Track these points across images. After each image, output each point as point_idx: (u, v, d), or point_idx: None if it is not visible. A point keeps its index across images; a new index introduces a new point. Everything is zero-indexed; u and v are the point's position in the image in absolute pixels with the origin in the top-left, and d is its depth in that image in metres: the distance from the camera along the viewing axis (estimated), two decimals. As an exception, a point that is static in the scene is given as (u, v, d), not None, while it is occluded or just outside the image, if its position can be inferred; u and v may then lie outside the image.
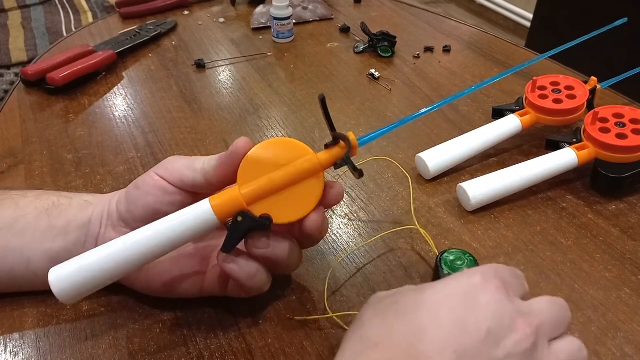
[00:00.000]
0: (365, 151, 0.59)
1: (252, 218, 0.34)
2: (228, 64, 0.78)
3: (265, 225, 0.34)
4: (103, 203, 0.40)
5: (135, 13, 0.92)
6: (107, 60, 0.75)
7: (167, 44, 0.84)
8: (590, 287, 0.44)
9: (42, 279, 0.35)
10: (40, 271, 0.39)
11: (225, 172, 0.36)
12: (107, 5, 1.49)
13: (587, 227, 0.49)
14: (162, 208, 0.37)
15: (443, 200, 0.53)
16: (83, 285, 0.34)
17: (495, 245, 0.48)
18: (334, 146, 0.36)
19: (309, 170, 0.35)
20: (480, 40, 0.83)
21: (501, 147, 0.58)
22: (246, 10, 0.95)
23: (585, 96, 0.57)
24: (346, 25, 0.87)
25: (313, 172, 0.35)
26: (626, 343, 0.39)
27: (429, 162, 0.54)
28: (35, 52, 1.31)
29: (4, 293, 0.42)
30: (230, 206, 0.35)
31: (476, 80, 0.72)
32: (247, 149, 0.35)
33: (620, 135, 0.51)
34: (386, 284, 0.44)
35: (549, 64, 0.75)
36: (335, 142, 0.36)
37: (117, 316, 0.41)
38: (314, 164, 0.35)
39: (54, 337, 0.40)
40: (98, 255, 0.34)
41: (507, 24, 2.45)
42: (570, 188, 0.53)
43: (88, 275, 0.34)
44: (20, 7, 1.52)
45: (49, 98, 0.70)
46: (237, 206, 0.35)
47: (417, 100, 0.69)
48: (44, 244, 0.39)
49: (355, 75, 0.75)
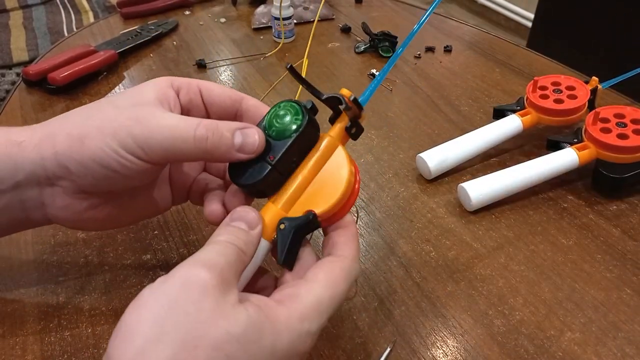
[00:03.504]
0: (366, 151, 0.59)
1: (294, 219, 0.32)
2: (229, 64, 0.78)
3: (308, 219, 0.32)
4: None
5: (137, 13, 0.92)
6: (108, 60, 0.75)
7: (168, 43, 0.84)
8: (591, 287, 0.44)
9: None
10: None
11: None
12: (108, 5, 1.49)
13: (588, 227, 0.49)
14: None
15: (444, 200, 0.52)
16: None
17: (496, 246, 0.47)
18: (339, 117, 0.34)
19: (328, 151, 0.33)
20: (482, 40, 0.83)
21: (502, 147, 0.58)
22: (247, 10, 0.95)
23: (587, 96, 0.57)
24: (347, 25, 0.87)
25: (332, 151, 0.33)
26: (627, 343, 0.39)
27: (429, 162, 0.54)
28: (36, 51, 1.31)
29: (4, 293, 0.42)
30: (272, 223, 0.32)
31: (477, 80, 0.72)
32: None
33: (622, 135, 0.51)
34: (386, 284, 0.44)
35: (550, 64, 0.75)
36: (337, 112, 0.34)
37: (118, 315, 0.41)
38: (330, 144, 0.33)
39: (55, 336, 0.40)
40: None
41: (509, 24, 2.45)
42: (571, 188, 0.53)
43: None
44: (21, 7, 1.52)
45: (50, 98, 0.70)
46: (278, 217, 0.32)
47: (418, 100, 0.69)
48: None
49: (356, 75, 0.75)
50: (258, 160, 0.33)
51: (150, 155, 0.32)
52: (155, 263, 0.45)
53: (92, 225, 0.38)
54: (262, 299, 0.28)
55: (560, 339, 0.40)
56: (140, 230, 0.49)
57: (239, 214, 0.31)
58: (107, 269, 0.45)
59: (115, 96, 0.35)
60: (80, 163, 0.32)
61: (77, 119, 0.34)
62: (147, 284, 0.27)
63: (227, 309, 0.26)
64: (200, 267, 0.26)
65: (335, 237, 0.33)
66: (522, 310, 0.42)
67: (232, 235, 0.30)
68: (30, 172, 0.33)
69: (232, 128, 0.33)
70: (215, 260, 0.27)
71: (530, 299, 0.43)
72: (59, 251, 0.47)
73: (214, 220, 0.36)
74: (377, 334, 0.40)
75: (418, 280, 0.44)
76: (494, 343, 0.40)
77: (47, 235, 0.48)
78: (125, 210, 0.38)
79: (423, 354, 0.39)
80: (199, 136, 0.32)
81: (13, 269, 0.45)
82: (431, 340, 0.40)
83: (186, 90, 0.36)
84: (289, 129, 0.33)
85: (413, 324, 0.41)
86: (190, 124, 0.32)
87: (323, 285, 0.29)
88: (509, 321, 0.41)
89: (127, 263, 0.45)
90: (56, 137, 0.33)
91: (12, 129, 0.35)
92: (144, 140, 0.31)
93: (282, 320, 0.27)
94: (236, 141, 0.32)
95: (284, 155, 0.32)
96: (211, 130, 0.32)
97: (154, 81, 0.36)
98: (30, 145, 0.33)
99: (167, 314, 0.25)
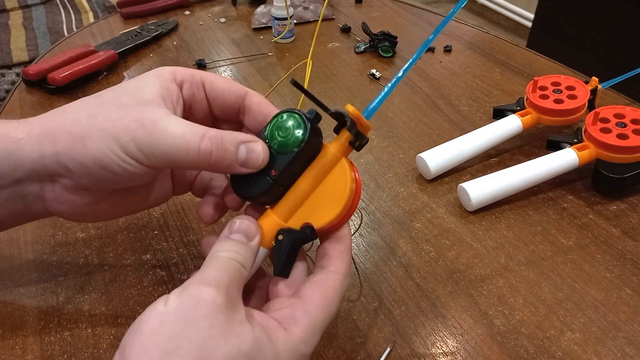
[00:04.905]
0: (366, 151, 0.59)
1: (292, 231, 0.32)
2: (229, 64, 0.78)
3: (306, 233, 0.32)
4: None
5: (137, 13, 0.92)
6: (108, 60, 0.75)
7: (168, 43, 0.84)
8: (591, 287, 0.44)
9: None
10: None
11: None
12: (108, 5, 1.49)
13: (588, 227, 0.49)
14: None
15: (444, 200, 0.53)
16: None
17: (496, 246, 0.48)
18: (343, 128, 0.34)
19: (330, 163, 0.33)
20: (481, 40, 0.83)
21: (502, 147, 0.58)
22: (247, 10, 0.95)
23: (586, 96, 0.57)
24: (347, 26, 0.87)
25: (334, 164, 0.33)
26: (627, 343, 0.39)
27: (429, 162, 0.54)
28: (36, 51, 1.31)
29: (4, 293, 0.42)
30: (271, 231, 0.33)
31: (477, 80, 0.72)
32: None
33: (621, 135, 0.51)
34: (386, 284, 0.44)
35: (550, 64, 0.75)
36: (342, 124, 0.33)
37: (118, 315, 0.41)
38: (332, 157, 0.33)
39: (55, 336, 0.40)
40: None
41: (508, 24, 2.45)
42: (571, 188, 0.53)
43: None
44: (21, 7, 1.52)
45: (50, 98, 0.70)
46: (277, 227, 0.33)
47: (418, 101, 0.69)
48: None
49: (356, 75, 0.75)
50: (260, 173, 0.33)
51: (152, 161, 0.32)
52: (155, 263, 0.45)
53: (92, 218, 0.39)
54: (264, 318, 0.29)
55: (560, 339, 0.40)
56: (140, 230, 0.49)
57: (237, 226, 0.32)
58: (107, 269, 0.45)
59: (118, 91, 0.34)
60: (81, 164, 0.32)
61: (78, 117, 0.33)
62: (147, 284, 0.27)
63: (236, 326, 0.27)
64: (208, 286, 0.27)
65: (330, 249, 0.33)
66: (522, 310, 0.42)
67: (232, 251, 0.30)
68: (30, 169, 0.33)
69: (237, 141, 0.32)
70: (221, 279, 0.28)
71: (530, 299, 0.43)
72: (59, 251, 0.47)
73: (205, 221, 0.37)
74: (377, 334, 0.40)
75: (418, 280, 0.44)
76: (494, 343, 0.40)
77: (47, 235, 0.48)
78: (125, 203, 0.38)
79: (423, 354, 0.39)
80: (203, 149, 0.31)
81: (13, 269, 0.45)
82: (431, 340, 0.40)
83: (189, 84, 0.36)
84: (291, 143, 0.32)
85: (413, 324, 0.41)
86: (196, 136, 0.31)
87: (318, 308, 0.30)
88: (509, 321, 0.41)
89: (127, 263, 0.45)
90: (56, 135, 0.33)
91: (7, 123, 0.34)
92: (146, 147, 0.31)
93: (281, 342, 0.28)
94: (240, 155, 0.32)
95: (285, 170, 0.32)
96: (216, 144, 0.32)
97: (157, 72, 0.35)
98: (30, 143, 0.33)
99: (182, 328, 0.26)
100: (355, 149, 0.33)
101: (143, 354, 0.25)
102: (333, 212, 0.32)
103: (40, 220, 0.48)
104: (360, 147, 0.34)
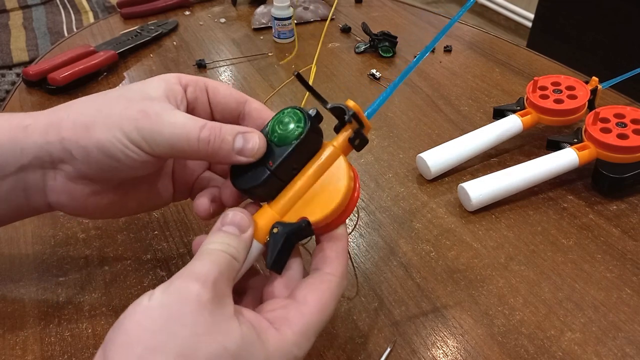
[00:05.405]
0: (366, 151, 0.59)
1: (287, 225, 0.32)
2: (229, 64, 0.78)
3: (301, 226, 0.32)
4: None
5: (137, 13, 0.92)
6: (108, 60, 0.75)
7: (168, 44, 0.84)
8: (591, 287, 0.44)
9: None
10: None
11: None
12: (108, 5, 1.49)
13: (588, 227, 0.49)
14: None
15: (444, 200, 0.53)
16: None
17: (496, 246, 0.48)
18: (344, 126, 0.34)
19: (329, 160, 0.33)
20: (482, 40, 0.83)
21: (502, 147, 0.58)
22: (247, 10, 0.95)
23: (586, 96, 0.57)
24: (347, 26, 0.87)
25: (333, 160, 0.33)
26: (627, 343, 0.39)
27: (429, 162, 0.54)
28: (36, 52, 1.31)
29: (4, 293, 0.42)
30: (267, 226, 0.32)
31: (477, 80, 0.72)
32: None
33: (621, 135, 0.51)
34: (386, 284, 0.44)
35: (550, 64, 0.75)
36: (341, 120, 0.34)
37: (118, 315, 0.41)
38: (332, 154, 0.33)
39: (55, 336, 0.40)
40: None
41: (508, 24, 2.45)
42: (571, 188, 0.53)
43: None
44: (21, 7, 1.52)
45: (50, 98, 0.70)
46: (273, 221, 0.32)
47: (418, 101, 0.69)
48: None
49: (356, 75, 0.75)
50: (258, 165, 0.33)
51: (154, 149, 0.32)
52: (155, 263, 0.45)
53: (92, 212, 0.39)
54: (255, 316, 0.29)
55: (560, 339, 0.40)
56: (140, 230, 0.49)
57: (230, 218, 0.31)
58: (107, 269, 0.45)
59: (125, 88, 0.35)
60: (85, 150, 0.33)
61: (85, 109, 0.34)
62: (147, 284, 0.27)
63: (222, 322, 0.26)
64: (194, 281, 0.27)
65: (327, 250, 0.33)
66: (522, 310, 0.42)
67: (224, 243, 0.30)
68: (34, 156, 0.34)
69: (235, 132, 0.33)
70: (209, 273, 0.27)
71: (530, 299, 0.43)
72: (59, 251, 0.47)
73: (201, 214, 0.37)
74: (377, 334, 0.40)
75: (418, 280, 0.44)
76: (494, 343, 0.40)
77: (47, 235, 0.48)
78: (126, 199, 0.38)
79: (423, 354, 0.39)
80: (202, 138, 0.32)
81: (13, 269, 0.45)
82: (431, 340, 0.40)
83: (193, 88, 0.37)
84: (290, 136, 0.33)
85: (413, 324, 0.41)
86: (196, 125, 0.33)
87: (313, 310, 0.30)
88: (509, 321, 0.41)
89: (127, 263, 0.45)
90: (62, 124, 0.34)
91: (16, 114, 0.35)
92: (149, 134, 0.32)
93: (272, 343, 0.28)
94: (236, 144, 0.33)
95: (283, 162, 0.32)
96: (214, 133, 0.33)
97: (162, 77, 0.36)
98: (37, 130, 0.34)
99: (165, 324, 0.25)
100: (355, 148, 0.34)
101: (126, 350, 0.25)
102: (329, 207, 0.32)
103: (40, 220, 0.49)
104: (360, 146, 0.34)
